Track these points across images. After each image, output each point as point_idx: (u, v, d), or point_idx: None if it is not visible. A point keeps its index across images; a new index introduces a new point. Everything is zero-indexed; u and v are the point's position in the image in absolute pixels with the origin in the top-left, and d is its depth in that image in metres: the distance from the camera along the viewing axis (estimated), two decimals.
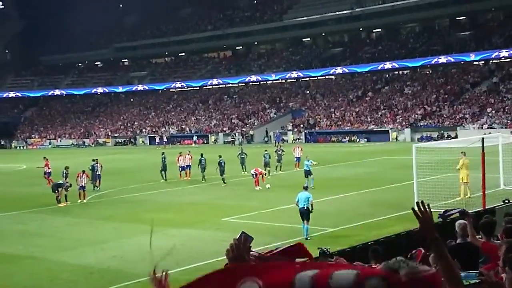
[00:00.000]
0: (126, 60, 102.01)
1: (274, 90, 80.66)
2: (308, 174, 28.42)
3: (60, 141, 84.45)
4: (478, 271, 4.59)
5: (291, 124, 70.42)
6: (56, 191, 26.72)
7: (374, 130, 62.53)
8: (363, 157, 43.10)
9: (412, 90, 67.78)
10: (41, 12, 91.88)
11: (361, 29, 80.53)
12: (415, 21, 76.71)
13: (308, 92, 77.23)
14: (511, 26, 66.90)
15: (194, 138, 71.68)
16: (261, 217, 21.55)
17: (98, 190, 30.94)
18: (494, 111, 57.37)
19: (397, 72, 73.22)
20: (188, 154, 35.09)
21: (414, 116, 61.91)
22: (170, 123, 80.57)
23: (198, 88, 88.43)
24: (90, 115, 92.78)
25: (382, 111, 65.05)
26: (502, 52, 63.74)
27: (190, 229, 20.22)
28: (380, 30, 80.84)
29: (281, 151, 36.48)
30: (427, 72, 71.45)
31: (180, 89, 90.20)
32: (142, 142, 78.39)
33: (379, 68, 72.54)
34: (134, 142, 78.64)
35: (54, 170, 33.12)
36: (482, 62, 67.11)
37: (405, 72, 72.47)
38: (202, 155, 33.39)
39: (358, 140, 62.44)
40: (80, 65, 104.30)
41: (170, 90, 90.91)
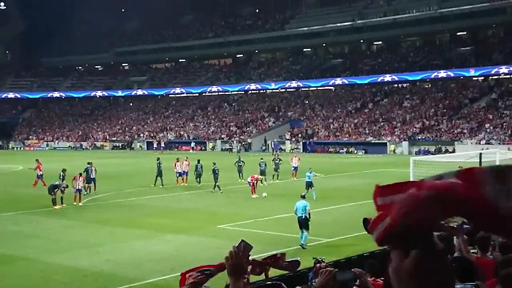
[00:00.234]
0: (127, 64, 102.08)
1: (273, 99, 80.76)
2: (309, 186, 27.97)
3: (57, 143, 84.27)
4: (474, 283, 4.60)
5: (289, 133, 70.45)
6: (52, 193, 26.67)
7: (372, 142, 62.57)
8: (361, 168, 43.10)
9: (411, 103, 67.93)
10: (42, 13, 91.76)
11: (362, 41, 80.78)
12: (416, 35, 77.00)
13: (307, 102, 77.33)
14: (511, 43, 67.19)
15: (192, 144, 71.64)
16: (257, 225, 21.52)
17: (88, 194, 30.50)
18: (492, 127, 57.47)
19: (396, 85, 73.40)
20: (185, 160, 35.16)
21: (412, 129, 62.00)
22: (169, 129, 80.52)
23: (197, 94, 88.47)
24: (88, 118, 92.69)
25: (381, 124, 65.13)
26: (502, 68, 63.99)
27: (186, 235, 20.18)
28: (380, 42, 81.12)
29: (278, 160, 36.51)
30: (427, 86, 71.64)
31: (179, 95, 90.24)
32: (140, 147, 78.19)
33: (379, 80, 72.69)
34: (131, 146, 78.22)
35: (51, 172, 32.96)
36: (482, 78, 67.33)
37: (404, 85, 72.65)
38: (198, 161, 33.64)
39: (355, 151, 62.46)
40: (80, 68, 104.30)
41: (170, 95, 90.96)
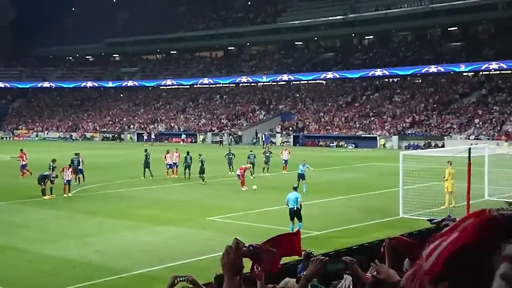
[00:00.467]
0: (117, 55, 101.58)
1: (264, 92, 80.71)
2: (301, 178, 27.99)
3: (47, 133, 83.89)
4: None
5: (280, 126, 70.50)
6: (41, 183, 26.55)
7: (362, 136, 62.75)
8: (351, 162, 43.26)
9: (401, 98, 68.14)
10: (33, 2, 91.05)
11: (353, 35, 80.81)
12: (407, 29, 77.10)
13: (298, 95, 77.38)
14: (502, 39, 67.35)
15: (183, 136, 71.47)
16: (246, 217, 21.55)
17: (78, 185, 30.28)
18: (481, 123, 57.80)
19: (387, 79, 73.57)
20: (175, 152, 35.14)
21: (402, 124, 62.23)
22: (159, 121, 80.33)
23: (188, 86, 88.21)
24: (78, 109, 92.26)
25: (371, 118, 65.31)
26: (492, 64, 64.25)
27: (175, 226, 20.17)
28: (372, 37, 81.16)
29: (269, 153, 36.50)
30: (417, 81, 71.83)
31: (170, 86, 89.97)
32: (130, 138, 77.89)
33: (370, 74, 72.81)
34: (121, 138, 77.41)
35: (41, 162, 32.77)
36: (472, 73, 67.60)
37: (395, 80, 72.84)
38: (188, 153, 33.69)
39: (346, 145, 62.62)
40: (70, 58, 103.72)
41: (160, 87, 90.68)
